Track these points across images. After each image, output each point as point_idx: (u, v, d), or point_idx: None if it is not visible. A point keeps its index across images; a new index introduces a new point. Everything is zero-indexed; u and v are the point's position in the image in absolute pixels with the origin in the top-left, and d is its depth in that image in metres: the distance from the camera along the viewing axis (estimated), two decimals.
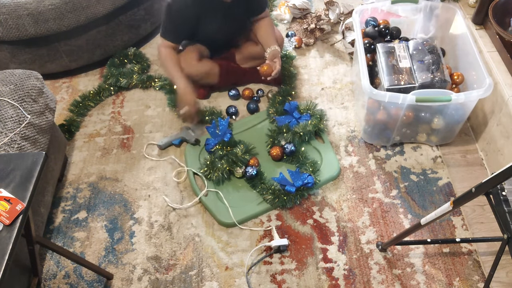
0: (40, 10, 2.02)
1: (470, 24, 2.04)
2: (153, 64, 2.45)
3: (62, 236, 1.78)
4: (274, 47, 2.05)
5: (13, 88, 1.65)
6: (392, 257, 1.66)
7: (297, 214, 1.79)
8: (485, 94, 1.69)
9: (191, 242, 1.73)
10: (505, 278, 1.59)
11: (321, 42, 2.51)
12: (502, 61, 1.86)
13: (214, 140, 1.97)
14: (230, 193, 1.85)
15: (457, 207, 1.25)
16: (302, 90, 2.26)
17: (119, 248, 1.73)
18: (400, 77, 1.84)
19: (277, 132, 2.00)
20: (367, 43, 2.02)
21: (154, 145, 2.07)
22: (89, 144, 2.10)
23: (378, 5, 2.14)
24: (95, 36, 2.28)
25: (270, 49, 2.05)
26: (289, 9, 2.59)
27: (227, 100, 2.24)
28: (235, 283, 1.62)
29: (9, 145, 1.52)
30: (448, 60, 2.07)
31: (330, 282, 1.60)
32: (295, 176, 1.84)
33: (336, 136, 2.05)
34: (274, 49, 2.05)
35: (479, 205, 1.77)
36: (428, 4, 2.08)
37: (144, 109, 2.23)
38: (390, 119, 1.87)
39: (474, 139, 2.01)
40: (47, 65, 2.30)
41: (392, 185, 1.86)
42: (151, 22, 2.50)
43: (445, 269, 1.62)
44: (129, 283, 1.64)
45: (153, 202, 1.86)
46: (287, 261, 1.67)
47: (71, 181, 1.96)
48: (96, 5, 2.14)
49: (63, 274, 1.68)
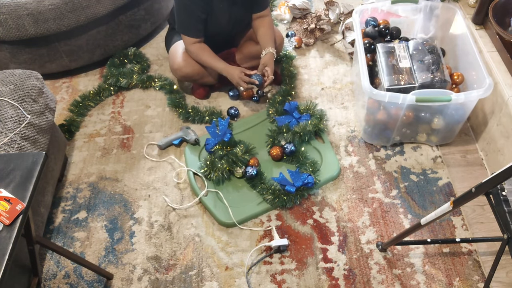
0: (40, 10, 2.02)
1: (470, 24, 2.04)
2: (153, 64, 2.45)
3: (62, 236, 1.78)
4: (269, 49, 2.05)
5: (13, 88, 1.65)
6: (392, 257, 1.66)
7: (297, 214, 1.79)
8: (485, 94, 1.69)
9: (191, 242, 1.73)
10: (505, 278, 1.59)
11: (321, 42, 2.51)
12: (502, 61, 1.86)
13: (214, 140, 1.97)
14: (230, 193, 1.85)
15: (457, 207, 1.25)
16: (302, 90, 2.26)
17: (119, 248, 1.73)
18: (400, 77, 1.84)
19: (277, 132, 2.00)
20: (367, 43, 2.02)
21: (154, 145, 2.07)
22: (89, 144, 2.10)
23: (378, 5, 2.14)
24: (95, 36, 2.29)
25: (265, 52, 2.05)
26: (289, 9, 2.59)
27: (227, 100, 2.24)
28: (235, 283, 1.62)
29: (9, 145, 1.52)
30: (448, 60, 2.07)
31: (330, 282, 1.60)
32: (295, 176, 1.84)
33: (336, 136, 2.05)
34: (269, 53, 2.04)
35: (479, 205, 1.77)
36: (428, 4, 2.08)
37: (144, 109, 2.23)
38: (390, 119, 1.87)
39: (474, 139, 2.01)
40: (47, 65, 2.30)
41: (392, 185, 1.86)
42: (151, 22, 2.50)
43: (445, 269, 1.62)
44: (129, 283, 1.64)
45: (153, 202, 1.86)
46: (287, 261, 1.67)
47: (71, 181, 1.96)
48: (96, 5, 2.14)
49: (63, 274, 1.68)
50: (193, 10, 1.93)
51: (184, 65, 2.07)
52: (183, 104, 2.19)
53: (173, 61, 2.10)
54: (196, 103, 2.24)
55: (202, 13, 1.95)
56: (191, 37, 2.01)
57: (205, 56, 2.04)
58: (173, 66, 2.11)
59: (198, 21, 1.97)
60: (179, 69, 2.08)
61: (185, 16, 1.96)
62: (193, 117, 2.14)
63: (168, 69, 2.34)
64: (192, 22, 1.98)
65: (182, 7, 1.93)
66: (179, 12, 1.96)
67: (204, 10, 1.95)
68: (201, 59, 2.05)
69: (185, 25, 2.00)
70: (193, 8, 1.92)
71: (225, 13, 2.00)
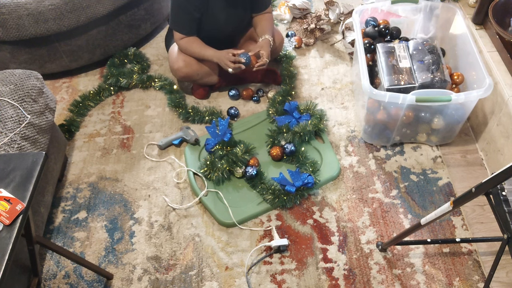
0: (40, 10, 2.02)
1: (470, 24, 2.04)
2: (153, 64, 2.45)
3: (62, 236, 1.78)
4: (266, 36, 2.04)
5: (13, 88, 1.65)
6: (392, 257, 1.66)
7: (297, 214, 1.79)
8: (485, 94, 1.69)
9: (191, 242, 1.73)
10: (505, 278, 1.59)
11: (321, 42, 2.51)
12: (502, 61, 1.86)
13: (214, 140, 1.97)
14: (230, 193, 1.85)
15: (457, 207, 1.25)
16: (302, 90, 2.26)
17: (119, 248, 1.73)
18: (400, 77, 1.84)
19: (277, 132, 2.00)
20: (367, 43, 2.02)
21: (154, 145, 2.07)
22: (89, 144, 2.10)
23: (378, 5, 2.14)
24: (95, 36, 2.28)
25: (262, 38, 2.04)
26: (289, 9, 2.59)
27: (227, 100, 2.24)
28: (235, 283, 1.62)
29: (9, 145, 1.52)
30: (448, 60, 2.07)
31: (330, 282, 1.60)
32: (295, 176, 1.84)
33: (336, 136, 2.05)
34: (265, 39, 2.04)
35: (479, 205, 1.77)
36: (428, 4, 2.08)
37: (144, 109, 2.23)
38: (390, 119, 1.87)
39: (474, 139, 2.01)
40: (47, 65, 2.30)
41: (392, 185, 1.86)
42: (151, 22, 2.50)
43: (445, 269, 1.62)
44: (129, 283, 1.64)
45: (153, 202, 1.86)
46: (287, 261, 1.67)
47: (71, 181, 1.96)
48: (96, 5, 2.14)
49: (63, 274, 1.68)
50: (187, 8, 1.93)
51: (184, 66, 2.07)
52: (183, 104, 2.19)
53: (173, 61, 2.10)
54: (196, 103, 2.24)
55: (196, 12, 1.95)
56: (179, 33, 2.01)
57: (194, 47, 2.03)
58: (173, 67, 2.11)
59: (191, 19, 1.97)
60: (179, 69, 2.08)
61: (179, 13, 1.96)
62: (193, 117, 2.14)
63: (168, 69, 2.34)
64: (185, 20, 1.98)
65: (176, 4, 1.93)
66: (173, 8, 1.96)
67: (199, 9, 1.94)
68: (190, 51, 2.04)
69: (177, 22, 2.00)
70: (187, 6, 1.92)
71: (222, 12, 2.00)
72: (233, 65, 1.97)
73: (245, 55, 1.98)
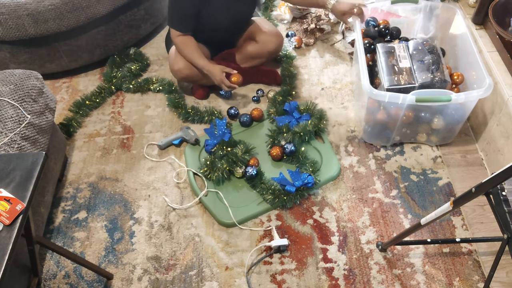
0: (40, 10, 2.02)
1: (470, 24, 2.04)
2: (153, 64, 2.45)
3: (62, 236, 1.78)
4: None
5: (13, 88, 1.65)
6: (392, 257, 1.66)
7: (297, 214, 1.79)
8: (485, 94, 1.69)
9: (191, 242, 1.73)
10: (505, 278, 1.59)
11: (321, 42, 2.51)
12: (502, 61, 1.86)
13: (213, 141, 1.97)
14: (230, 193, 1.85)
15: (457, 207, 1.25)
16: (302, 90, 2.26)
17: (119, 248, 1.73)
18: (400, 77, 1.84)
19: (277, 132, 2.00)
20: (367, 43, 2.02)
21: (154, 145, 2.07)
22: (89, 144, 2.10)
23: (378, 5, 2.14)
24: (95, 36, 2.28)
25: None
26: (289, 9, 2.59)
27: (227, 100, 2.24)
28: (235, 283, 1.62)
29: (9, 145, 1.52)
30: (448, 60, 2.07)
31: (330, 282, 1.60)
32: (295, 176, 1.84)
33: (336, 136, 2.05)
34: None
35: (479, 205, 1.77)
36: (428, 4, 2.08)
37: (144, 109, 2.23)
38: (390, 119, 1.87)
39: (474, 139, 2.01)
40: (47, 65, 2.30)
41: (392, 185, 1.86)
42: (151, 22, 2.50)
43: (445, 269, 1.62)
44: (129, 283, 1.64)
45: (153, 202, 1.86)
46: (287, 261, 1.67)
47: (71, 181, 1.96)
48: (96, 5, 2.14)
49: (63, 274, 1.68)
50: (184, 4, 1.93)
51: (184, 67, 2.06)
52: (183, 104, 2.19)
53: (173, 62, 2.10)
54: (196, 103, 2.24)
55: (193, 8, 1.94)
56: (176, 30, 2.01)
57: (187, 50, 2.03)
58: (173, 68, 2.11)
59: (187, 16, 1.97)
60: (179, 70, 2.08)
61: (175, 9, 1.96)
62: (193, 117, 2.14)
63: (168, 69, 2.34)
64: (181, 17, 1.98)
65: (173, 0, 1.93)
66: (170, 5, 1.95)
67: (196, 6, 1.94)
68: (183, 52, 2.04)
69: (174, 18, 2.00)
70: (184, 2, 1.92)
71: (223, 8, 1.99)
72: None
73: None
